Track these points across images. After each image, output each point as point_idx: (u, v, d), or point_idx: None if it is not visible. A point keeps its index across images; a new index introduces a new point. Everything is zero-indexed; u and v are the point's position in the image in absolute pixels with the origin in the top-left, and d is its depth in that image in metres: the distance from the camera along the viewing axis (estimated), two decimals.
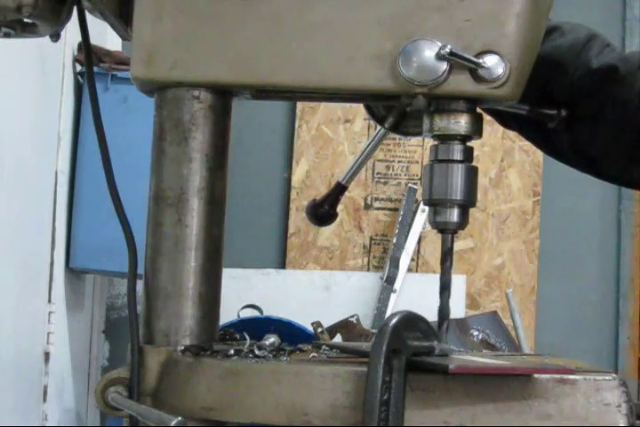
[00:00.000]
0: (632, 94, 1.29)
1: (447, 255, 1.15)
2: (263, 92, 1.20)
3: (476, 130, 1.15)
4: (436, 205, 1.16)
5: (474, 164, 1.16)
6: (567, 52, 1.32)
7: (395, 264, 4.23)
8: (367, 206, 4.51)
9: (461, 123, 1.14)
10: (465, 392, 1.03)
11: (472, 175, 1.15)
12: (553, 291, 4.61)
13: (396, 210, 4.46)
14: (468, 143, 1.16)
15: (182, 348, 1.12)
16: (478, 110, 1.17)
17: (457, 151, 1.15)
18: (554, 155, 1.40)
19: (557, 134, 1.35)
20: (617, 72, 1.30)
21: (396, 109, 1.37)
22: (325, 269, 4.44)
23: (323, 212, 1.44)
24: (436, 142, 1.16)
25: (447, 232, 1.16)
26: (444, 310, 1.15)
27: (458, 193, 1.14)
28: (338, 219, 1.46)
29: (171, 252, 1.15)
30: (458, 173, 1.14)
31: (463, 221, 1.16)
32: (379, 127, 1.41)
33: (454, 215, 1.15)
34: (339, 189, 1.45)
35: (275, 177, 4.60)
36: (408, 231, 4.29)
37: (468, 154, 1.15)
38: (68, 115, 3.60)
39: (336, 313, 3.80)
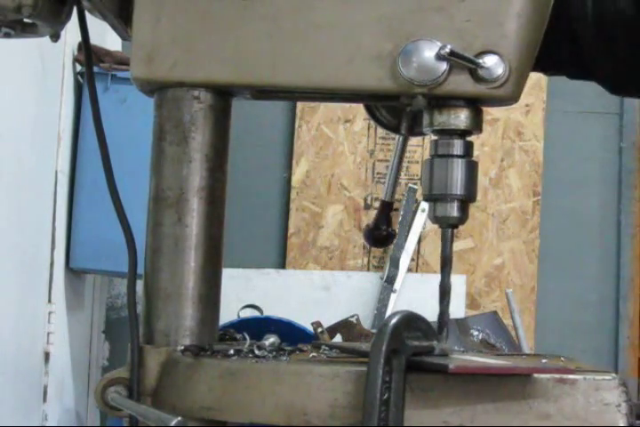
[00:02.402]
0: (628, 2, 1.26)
1: (447, 261, 1.15)
2: (263, 92, 1.20)
3: (476, 125, 1.15)
4: (436, 199, 1.16)
5: (474, 159, 1.16)
6: None
7: (395, 264, 4.23)
8: (367, 206, 4.51)
9: (461, 117, 1.14)
10: (465, 392, 1.03)
11: (472, 170, 1.15)
12: (553, 291, 4.61)
13: (396, 210, 4.46)
14: (468, 138, 1.16)
15: (182, 348, 1.12)
16: None
17: (457, 146, 1.15)
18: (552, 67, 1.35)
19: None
20: None
21: (405, 114, 1.37)
22: (325, 269, 4.44)
23: (381, 234, 1.43)
24: (435, 137, 1.16)
25: (447, 227, 1.16)
26: (443, 317, 1.14)
27: (458, 188, 1.14)
28: (338, 219, 1.46)
29: (171, 252, 1.15)
30: (458, 167, 1.14)
31: (463, 215, 1.16)
32: (397, 136, 1.41)
33: (454, 210, 1.15)
34: (385, 207, 1.44)
35: (275, 177, 4.60)
36: (408, 231, 4.29)
37: (468, 149, 1.16)
38: (68, 115, 3.60)
39: (336, 313, 3.80)
